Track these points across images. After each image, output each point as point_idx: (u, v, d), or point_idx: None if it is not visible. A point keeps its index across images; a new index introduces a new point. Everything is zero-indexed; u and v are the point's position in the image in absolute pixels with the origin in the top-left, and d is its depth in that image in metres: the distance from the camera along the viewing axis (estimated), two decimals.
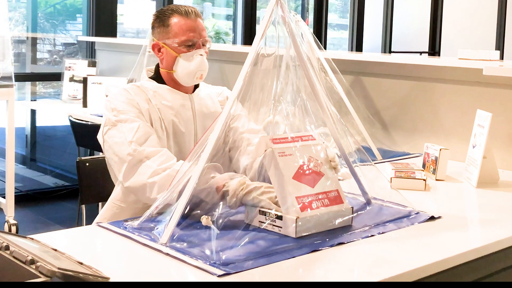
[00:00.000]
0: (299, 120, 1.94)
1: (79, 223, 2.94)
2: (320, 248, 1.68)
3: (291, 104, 1.92)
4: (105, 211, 2.30)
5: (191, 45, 2.27)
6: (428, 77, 3.18)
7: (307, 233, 1.76)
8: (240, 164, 2.24)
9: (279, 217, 1.78)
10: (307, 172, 1.85)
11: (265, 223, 1.80)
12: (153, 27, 2.34)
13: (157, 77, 2.34)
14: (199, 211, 1.83)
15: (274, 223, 1.79)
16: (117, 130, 2.15)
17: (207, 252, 1.61)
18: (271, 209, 1.79)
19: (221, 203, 1.82)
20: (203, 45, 2.30)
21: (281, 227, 1.77)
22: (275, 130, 1.91)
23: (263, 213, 1.81)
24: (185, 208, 1.71)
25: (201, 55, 2.27)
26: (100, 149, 2.32)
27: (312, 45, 3.07)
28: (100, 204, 3.11)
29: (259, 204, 1.81)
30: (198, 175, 1.72)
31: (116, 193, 2.30)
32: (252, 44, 1.80)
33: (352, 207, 1.91)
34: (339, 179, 1.96)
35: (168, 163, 2.05)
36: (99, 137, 2.22)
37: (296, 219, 1.75)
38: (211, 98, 2.40)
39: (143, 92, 2.26)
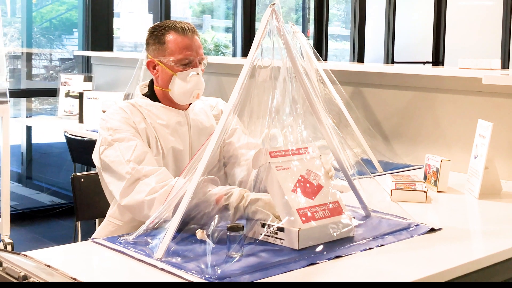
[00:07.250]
0: (297, 132, 1.97)
1: (75, 241, 2.95)
2: (317, 262, 1.70)
3: (289, 116, 1.94)
4: (102, 228, 2.31)
5: (187, 64, 2.27)
6: (429, 87, 3.21)
7: (310, 245, 1.79)
8: (236, 178, 2.26)
9: (281, 229, 1.81)
10: (306, 185, 1.88)
11: (266, 235, 1.84)
12: (147, 43, 2.33)
13: (151, 94, 2.35)
14: (194, 225, 1.85)
15: (276, 236, 1.82)
16: (114, 149, 2.15)
17: (202, 266, 1.63)
18: (272, 221, 1.82)
19: (216, 216, 1.84)
20: (200, 63, 2.31)
21: (283, 239, 1.81)
22: (273, 143, 1.94)
23: (264, 225, 1.84)
24: (180, 222, 1.73)
25: (198, 74, 2.28)
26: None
27: (310, 56, 3.10)
28: (97, 220, 3.13)
29: (259, 216, 1.84)
30: (193, 188, 1.74)
31: (112, 211, 2.31)
32: (248, 56, 1.83)
33: (354, 217, 1.96)
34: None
35: (166, 180, 2.06)
36: (95, 157, 2.22)
37: (299, 231, 1.78)
38: (205, 112, 2.42)
39: (138, 111, 2.27)
